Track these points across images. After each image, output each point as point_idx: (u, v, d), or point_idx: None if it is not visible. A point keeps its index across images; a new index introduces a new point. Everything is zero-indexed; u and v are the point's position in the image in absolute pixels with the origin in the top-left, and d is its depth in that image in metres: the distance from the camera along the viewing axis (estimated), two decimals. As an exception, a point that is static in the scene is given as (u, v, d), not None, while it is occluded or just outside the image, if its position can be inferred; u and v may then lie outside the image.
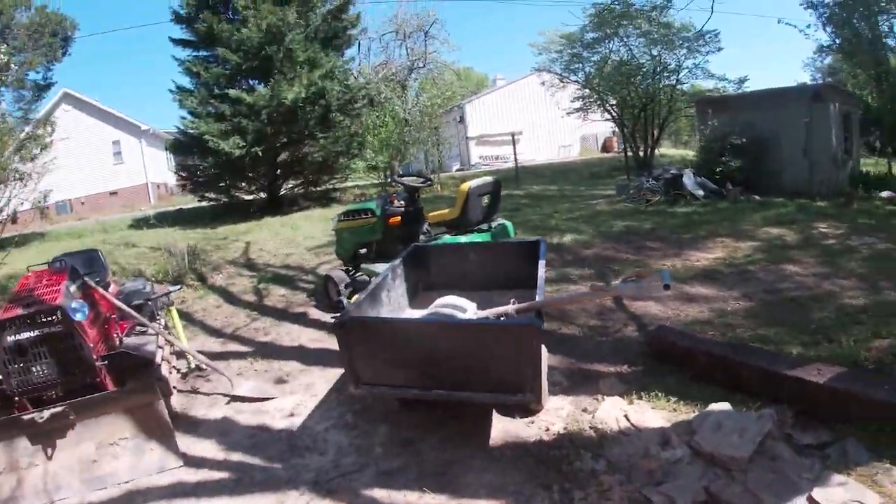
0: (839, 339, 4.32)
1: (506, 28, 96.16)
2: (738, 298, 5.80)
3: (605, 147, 36.88)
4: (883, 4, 17.57)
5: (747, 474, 2.74)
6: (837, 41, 19.74)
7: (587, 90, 22.83)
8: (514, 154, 22.42)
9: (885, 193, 12.98)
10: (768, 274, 6.63)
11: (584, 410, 3.61)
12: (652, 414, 3.43)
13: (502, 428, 3.47)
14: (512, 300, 3.52)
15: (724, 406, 3.29)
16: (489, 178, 6.60)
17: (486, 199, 6.50)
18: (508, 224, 6.66)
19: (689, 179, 12.79)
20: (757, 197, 12.36)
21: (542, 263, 3.82)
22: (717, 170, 13.28)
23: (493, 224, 6.51)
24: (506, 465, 3.14)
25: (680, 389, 3.73)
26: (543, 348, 3.36)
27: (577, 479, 2.92)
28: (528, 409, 3.46)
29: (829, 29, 19.48)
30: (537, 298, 3.33)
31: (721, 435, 2.94)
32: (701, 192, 12.55)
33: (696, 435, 3.01)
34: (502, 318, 3.43)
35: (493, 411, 3.61)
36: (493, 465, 3.14)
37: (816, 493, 2.56)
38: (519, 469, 3.09)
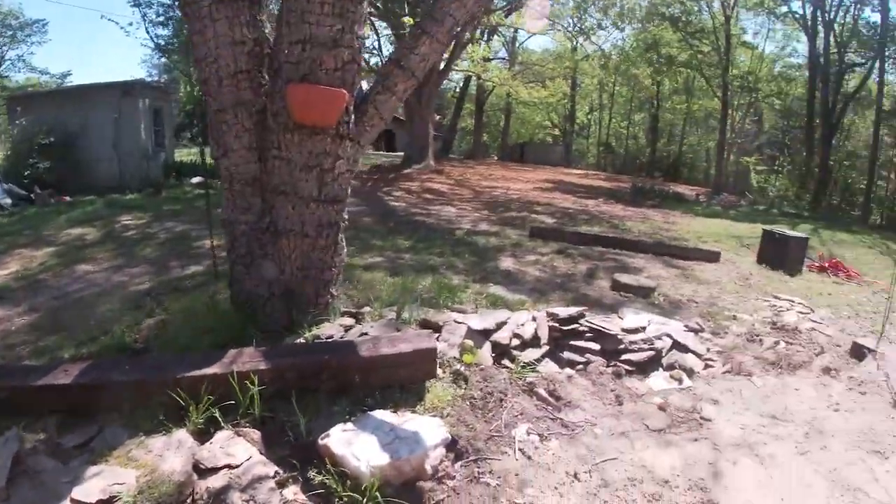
0: (113, 330, 4.30)
1: None
2: (25, 313, 5.22)
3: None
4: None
5: (10, 501, 2.53)
6: (174, 41, 19.93)
7: None
8: None
9: (195, 179, 14.33)
10: (61, 279, 6.22)
11: None
12: None
13: None
14: None
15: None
16: None
17: None
18: None
19: (-7, 185, 11.59)
20: (68, 198, 11.83)
21: None
22: (27, 173, 12.25)
23: None
24: None
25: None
26: None
27: None
28: None
29: (156, 29, 19.44)
30: None
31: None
32: (8, 201, 11.26)
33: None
34: None
35: None
36: None
37: (76, 492, 2.48)
38: None
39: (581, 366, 3.67)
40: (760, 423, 3.24)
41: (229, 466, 2.59)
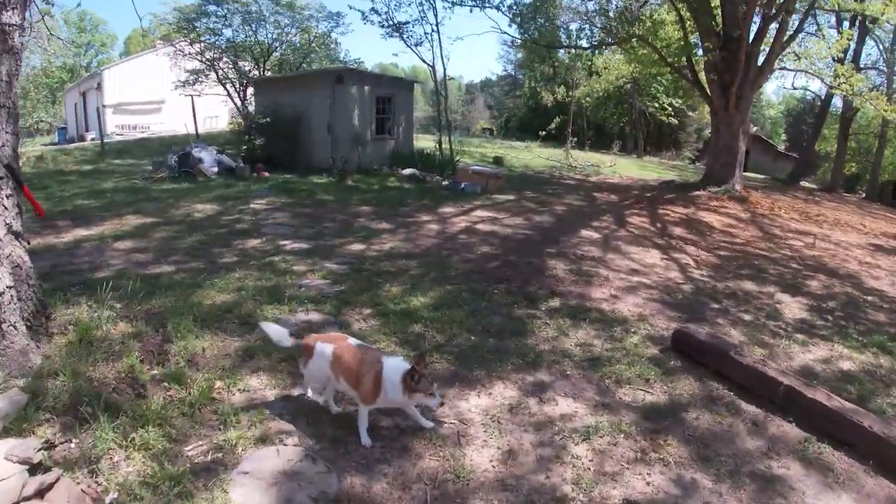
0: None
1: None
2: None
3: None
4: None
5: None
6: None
7: (203, 62, 20.80)
8: (101, 128, 20.96)
9: (406, 171, 14.12)
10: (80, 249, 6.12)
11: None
12: None
13: None
14: None
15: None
16: None
17: None
18: None
19: (208, 156, 13.05)
20: (266, 174, 12.86)
21: None
22: (244, 148, 14.16)
23: None
24: None
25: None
26: None
27: None
28: None
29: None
30: None
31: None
32: (215, 169, 12.69)
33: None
34: None
35: None
36: None
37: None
38: None
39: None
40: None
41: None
